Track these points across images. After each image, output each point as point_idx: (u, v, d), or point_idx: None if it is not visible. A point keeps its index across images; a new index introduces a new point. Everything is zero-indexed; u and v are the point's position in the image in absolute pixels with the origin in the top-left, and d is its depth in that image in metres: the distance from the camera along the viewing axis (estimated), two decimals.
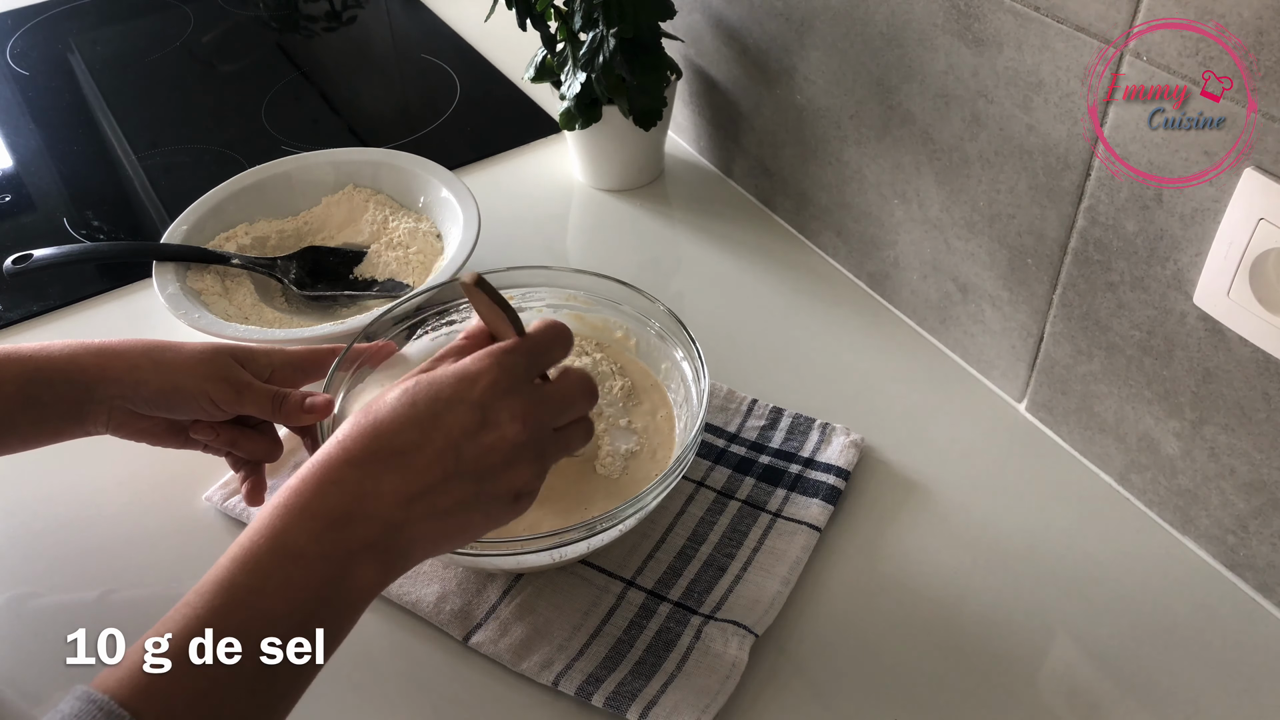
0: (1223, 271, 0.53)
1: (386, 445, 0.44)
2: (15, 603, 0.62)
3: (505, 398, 0.46)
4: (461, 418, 0.44)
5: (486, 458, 0.45)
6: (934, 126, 0.68)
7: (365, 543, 0.42)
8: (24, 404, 0.57)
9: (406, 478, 0.43)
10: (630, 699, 0.55)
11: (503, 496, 0.47)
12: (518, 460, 0.46)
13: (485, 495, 0.46)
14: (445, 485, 0.44)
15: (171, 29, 1.22)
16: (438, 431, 0.44)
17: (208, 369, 0.60)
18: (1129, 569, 0.62)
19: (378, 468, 0.43)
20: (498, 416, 0.45)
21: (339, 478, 0.43)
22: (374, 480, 0.43)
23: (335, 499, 0.42)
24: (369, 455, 0.43)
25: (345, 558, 0.42)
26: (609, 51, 0.80)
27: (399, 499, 0.43)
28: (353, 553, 0.42)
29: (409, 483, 0.43)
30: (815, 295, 0.82)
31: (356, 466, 0.43)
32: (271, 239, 0.85)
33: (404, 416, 0.44)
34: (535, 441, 0.47)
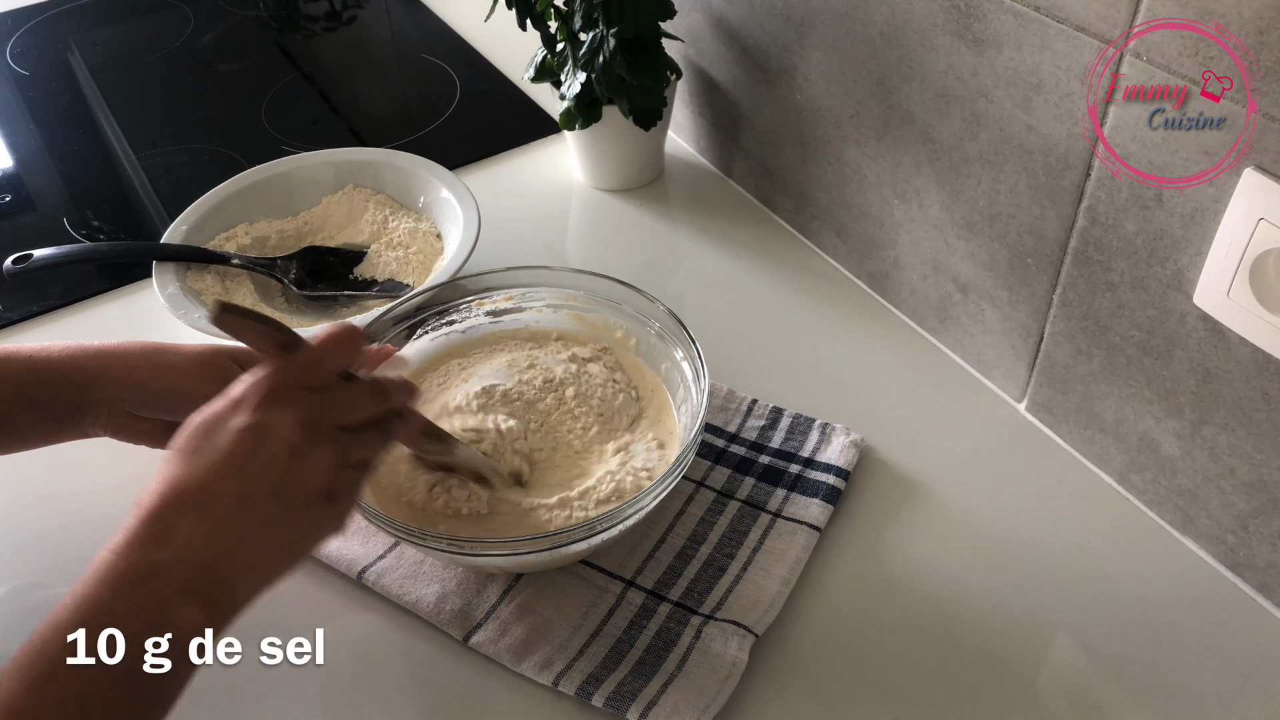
0: (1223, 271, 0.53)
1: (179, 492, 0.44)
2: (20, 592, 0.63)
3: (276, 409, 0.46)
4: (238, 441, 0.45)
5: (274, 469, 0.45)
6: (934, 126, 0.68)
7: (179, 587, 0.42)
8: (23, 404, 0.57)
9: (204, 515, 0.44)
10: (630, 699, 0.55)
11: (311, 502, 0.46)
12: (307, 461, 0.46)
13: (290, 506, 0.46)
14: (245, 510, 0.44)
15: (171, 29, 1.22)
16: (219, 461, 0.45)
17: (207, 371, 0.60)
18: (1129, 569, 0.62)
19: (173, 514, 0.44)
20: (270, 426, 0.45)
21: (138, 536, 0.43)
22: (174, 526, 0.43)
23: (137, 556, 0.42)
24: (163, 506, 0.44)
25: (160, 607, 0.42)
26: (609, 51, 0.80)
27: (201, 536, 0.43)
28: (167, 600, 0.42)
29: (208, 518, 0.44)
30: (815, 295, 0.82)
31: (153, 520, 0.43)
32: (271, 239, 0.85)
33: (188, 459, 0.45)
34: (321, 442, 0.47)
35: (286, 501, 0.45)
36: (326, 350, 0.49)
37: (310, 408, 0.47)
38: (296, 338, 0.48)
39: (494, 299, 0.71)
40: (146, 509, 0.44)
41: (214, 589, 0.43)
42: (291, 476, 0.46)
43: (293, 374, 0.47)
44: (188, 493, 0.44)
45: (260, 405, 0.46)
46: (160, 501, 0.44)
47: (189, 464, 0.45)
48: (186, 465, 0.45)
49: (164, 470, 0.45)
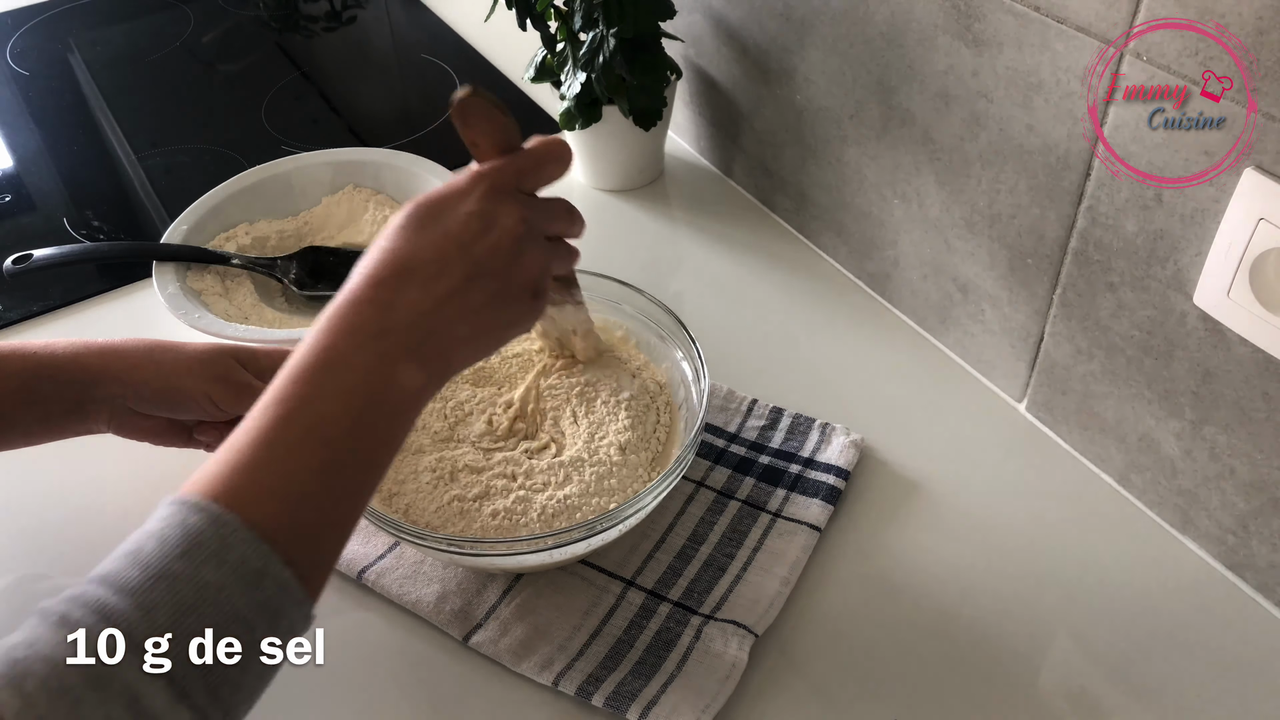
0: (1223, 271, 0.53)
1: (405, 262, 0.46)
2: (25, 582, 0.63)
3: (500, 201, 0.49)
4: (466, 224, 0.48)
5: (497, 254, 0.48)
6: (934, 126, 0.68)
7: (402, 348, 0.45)
8: (26, 399, 0.58)
9: (431, 286, 0.46)
10: (630, 699, 0.55)
11: (522, 291, 0.50)
12: (524, 253, 0.49)
13: (505, 291, 0.49)
14: (467, 285, 0.47)
15: (171, 29, 1.22)
16: (447, 240, 0.47)
17: (208, 369, 0.60)
18: (1129, 569, 0.62)
19: (401, 282, 0.46)
20: (496, 216, 0.48)
21: (369, 297, 0.46)
22: (401, 293, 0.46)
23: (369, 314, 0.45)
24: (391, 274, 0.46)
25: (388, 364, 0.45)
26: (609, 51, 0.80)
27: (428, 304, 0.46)
28: (394, 359, 0.45)
29: (434, 289, 0.46)
30: (815, 295, 0.82)
31: (382, 285, 0.46)
32: (271, 239, 0.85)
33: (413, 236, 0.47)
34: (535, 238, 0.50)
35: (503, 286, 0.48)
36: (543, 160, 0.51)
37: (525, 206, 0.50)
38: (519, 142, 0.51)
39: None
40: (373, 275, 0.46)
41: (434, 356, 0.46)
42: (511, 264, 0.49)
43: (512, 175, 0.50)
44: (415, 264, 0.46)
45: (486, 196, 0.49)
46: (388, 270, 0.46)
47: (415, 239, 0.47)
48: (413, 240, 0.47)
49: (388, 242, 0.47)
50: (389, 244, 0.47)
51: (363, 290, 0.46)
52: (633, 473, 0.63)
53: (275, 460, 0.42)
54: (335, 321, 0.45)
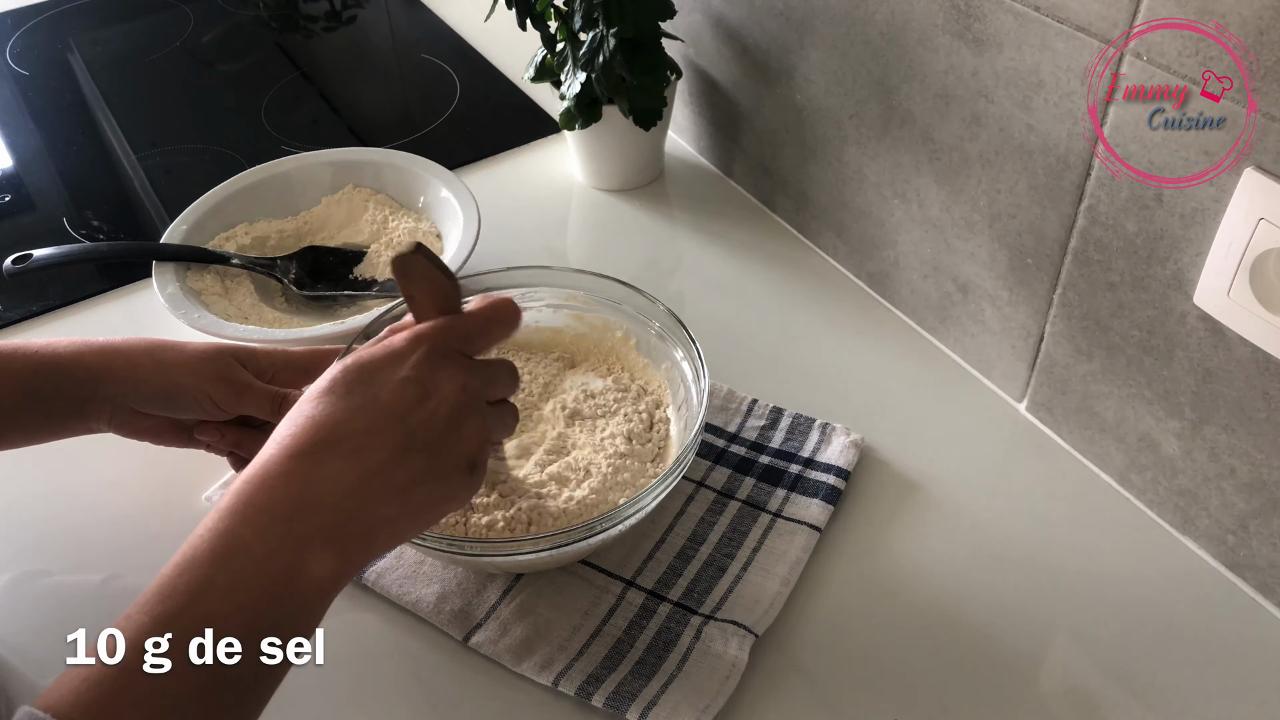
0: (1223, 271, 0.53)
1: (330, 433, 0.43)
2: (26, 579, 0.64)
3: (441, 367, 0.45)
4: (401, 391, 0.44)
5: (433, 426, 0.44)
6: (934, 126, 0.68)
7: (317, 532, 0.41)
8: (27, 399, 0.58)
9: (357, 460, 0.42)
10: (630, 699, 0.55)
11: (458, 465, 0.46)
12: (464, 425, 0.45)
13: (440, 466, 0.45)
14: (398, 460, 0.43)
15: (171, 29, 1.22)
16: (377, 410, 0.43)
17: (209, 369, 0.60)
18: (1129, 569, 0.62)
19: (323, 455, 0.42)
20: (437, 385, 0.45)
21: (283, 470, 0.41)
22: (321, 467, 0.42)
23: (282, 491, 0.41)
24: (313, 445, 0.42)
25: (295, 549, 0.40)
26: (609, 51, 0.80)
27: (352, 480, 0.42)
28: (303, 543, 0.40)
29: (360, 464, 0.42)
30: (815, 295, 0.82)
31: (302, 458, 0.42)
32: (271, 239, 0.85)
33: (340, 402, 0.44)
34: (477, 407, 0.46)
35: (438, 462, 0.44)
36: (490, 321, 0.48)
37: (467, 372, 0.46)
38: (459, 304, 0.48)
39: None
40: (291, 445, 0.42)
41: (352, 540, 0.42)
42: (447, 437, 0.45)
43: (455, 337, 0.47)
44: (342, 434, 0.42)
45: (425, 360, 0.45)
46: (310, 440, 0.42)
47: (343, 405, 0.43)
48: (341, 407, 0.43)
49: (311, 408, 0.43)
50: (312, 410, 0.43)
51: (278, 463, 0.41)
52: (641, 466, 0.63)
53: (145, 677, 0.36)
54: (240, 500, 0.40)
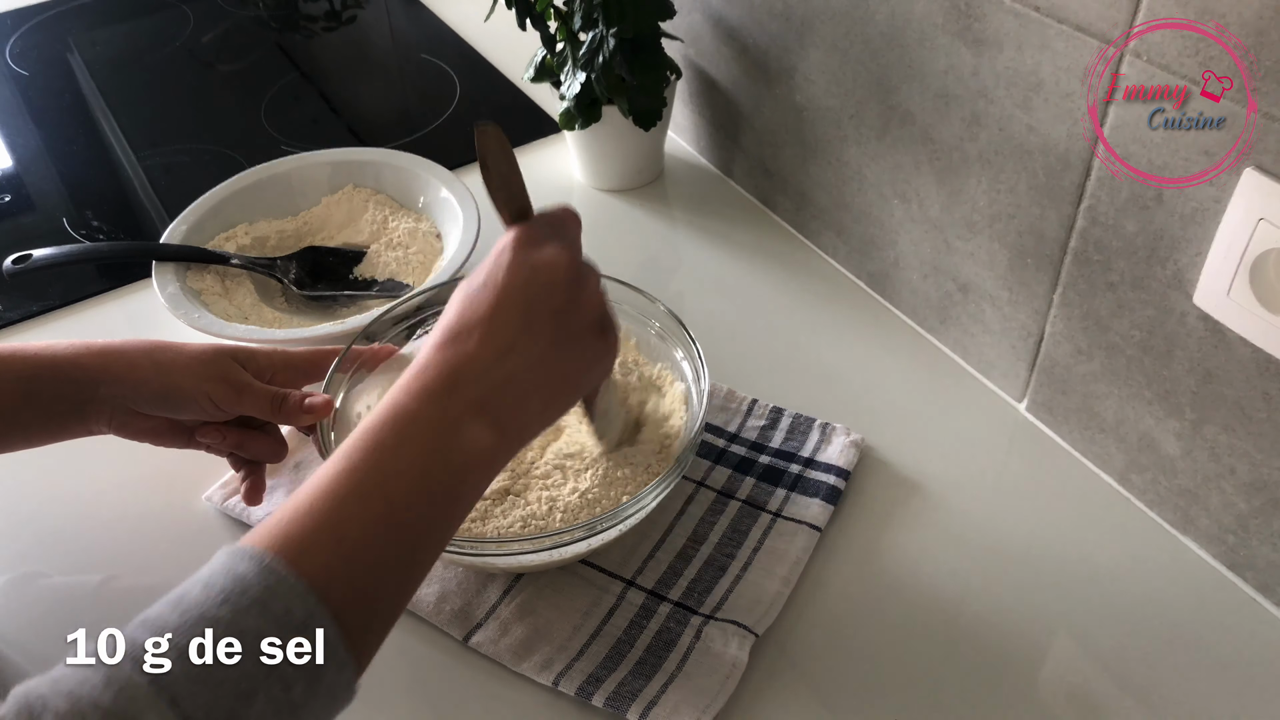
0: (1223, 271, 0.53)
1: (463, 322, 0.47)
2: (26, 580, 0.64)
3: (541, 245, 0.49)
4: (512, 272, 0.48)
5: (552, 292, 0.48)
6: (934, 126, 0.68)
7: (470, 405, 0.45)
8: (27, 401, 0.58)
9: (491, 337, 0.46)
10: (630, 699, 0.55)
11: (588, 327, 0.49)
12: (579, 287, 0.49)
13: (570, 330, 0.48)
14: (529, 331, 0.47)
15: (171, 29, 1.22)
16: (498, 291, 0.47)
17: (208, 369, 0.60)
18: (1129, 569, 0.62)
19: (462, 339, 0.46)
20: (542, 257, 0.48)
21: (431, 360, 0.46)
22: (463, 349, 0.46)
23: (434, 372, 0.45)
24: (452, 335, 0.47)
25: (454, 419, 0.45)
26: (609, 51, 0.80)
27: (491, 356, 0.46)
28: (460, 414, 0.45)
29: (495, 340, 0.46)
30: (815, 295, 0.82)
31: (445, 346, 0.46)
32: (271, 239, 0.85)
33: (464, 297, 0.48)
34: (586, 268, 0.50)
35: (566, 325, 0.48)
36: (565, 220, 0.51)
37: (566, 244, 0.49)
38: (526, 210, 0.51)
39: None
40: (436, 341, 0.47)
41: (503, 411, 0.46)
42: (569, 300, 0.48)
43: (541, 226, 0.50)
44: (474, 320, 0.46)
45: (524, 244, 0.48)
46: (451, 332, 0.47)
47: (470, 299, 0.47)
48: (468, 302, 0.47)
49: (446, 311, 0.48)
50: (449, 312, 0.48)
51: (427, 355, 0.46)
52: (645, 457, 0.63)
53: (333, 513, 0.41)
54: (404, 385, 0.46)
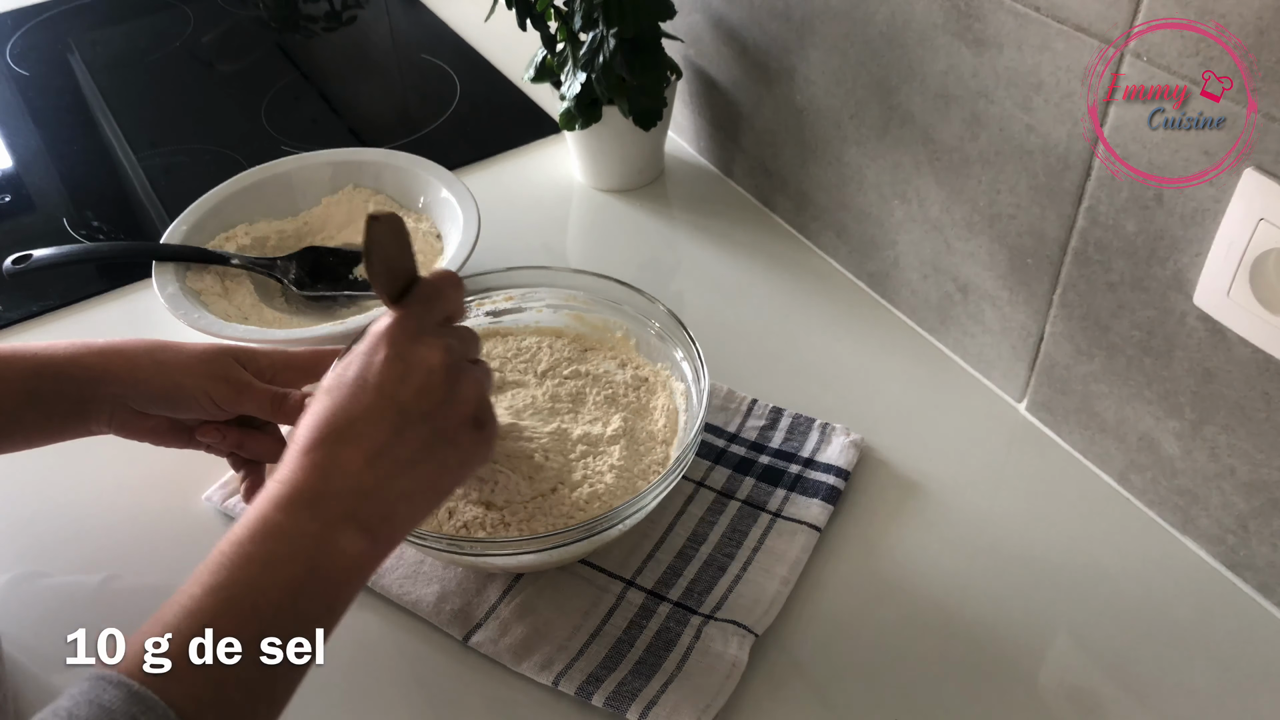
0: (1223, 272, 0.53)
1: (331, 427, 0.45)
2: (25, 580, 0.64)
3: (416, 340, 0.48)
4: (385, 372, 0.46)
5: (426, 394, 0.46)
6: (934, 126, 0.68)
7: (340, 513, 0.44)
8: (27, 401, 0.58)
9: (360, 445, 0.45)
10: (630, 699, 0.55)
11: (462, 425, 0.48)
12: (455, 384, 0.48)
13: (444, 431, 0.47)
14: (399, 436, 0.45)
15: (171, 29, 1.22)
16: (369, 395, 0.46)
17: (208, 369, 0.60)
18: (1129, 569, 0.62)
19: (330, 446, 0.45)
20: (416, 356, 0.47)
21: (299, 466, 0.45)
22: (331, 457, 0.45)
23: (301, 482, 0.44)
24: (319, 440, 0.45)
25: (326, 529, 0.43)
26: (609, 51, 0.80)
27: (360, 464, 0.45)
28: (331, 524, 0.43)
29: (365, 447, 0.45)
30: (815, 295, 0.82)
31: (311, 452, 0.45)
32: (271, 239, 0.85)
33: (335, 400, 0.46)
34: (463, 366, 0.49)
35: (439, 427, 0.47)
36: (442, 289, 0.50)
37: (445, 338, 0.49)
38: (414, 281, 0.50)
39: (494, 299, 0.71)
40: (304, 443, 0.45)
41: (374, 517, 0.45)
42: (443, 401, 0.47)
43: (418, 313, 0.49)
44: (342, 423, 0.45)
45: (399, 339, 0.47)
46: (317, 435, 0.45)
47: (341, 398, 0.46)
48: (339, 400, 0.46)
49: (314, 408, 0.46)
50: (316, 408, 0.46)
51: (294, 460, 0.45)
52: (650, 448, 0.63)
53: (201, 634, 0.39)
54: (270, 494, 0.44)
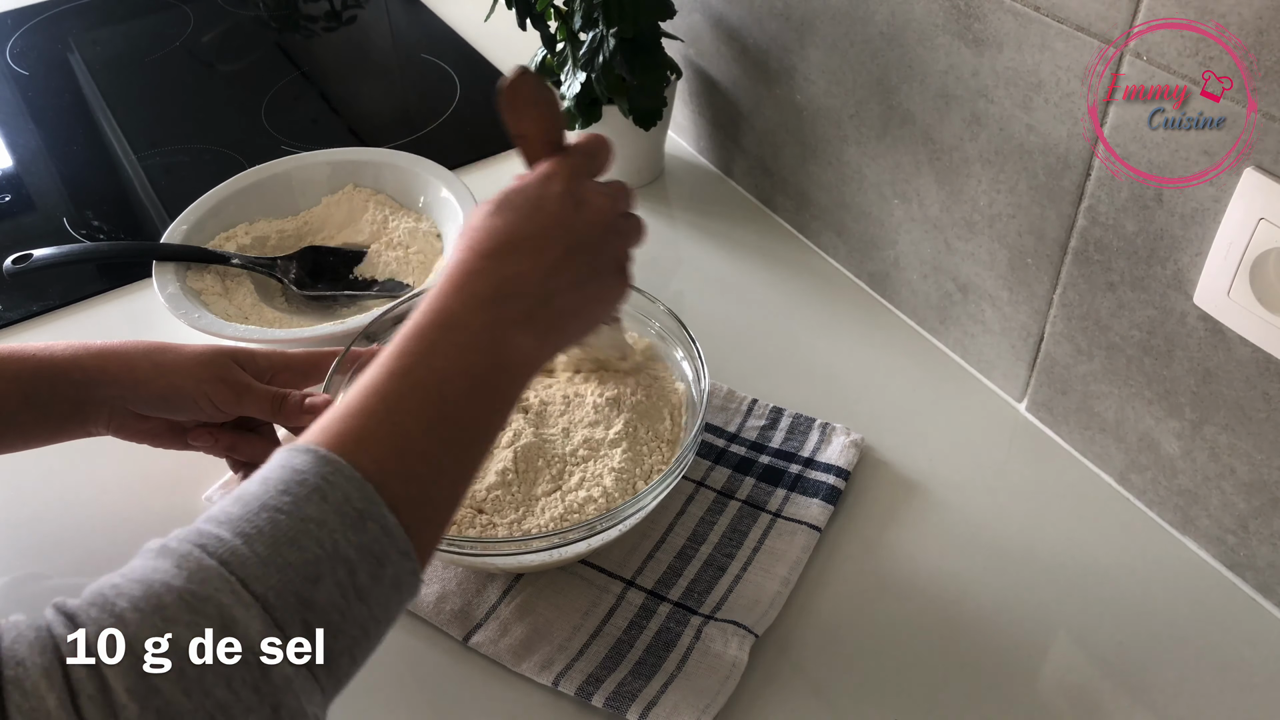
0: (1223, 271, 0.53)
1: (509, 239, 0.47)
2: (25, 582, 0.64)
3: (586, 182, 0.50)
4: (560, 204, 0.49)
5: (593, 229, 0.50)
6: (934, 126, 0.68)
7: (518, 315, 0.46)
8: (26, 402, 0.58)
9: (538, 258, 0.47)
10: (630, 699, 0.55)
11: (615, 265, 0.52)
12: (614, 229, 0.51)
13: (601, 266, 0.50)
14: (570, 259, 0.48)
15: (171, 29, 1.22)
16: (546, 217, 0.48)
17: (207, 370, 0.60)
18: (1129, 569, 0.62)
19: (511, 255, 0.47)
20: (587, 195, 0.50)
21: (480, 268, 0.46)
22: (512, 264, 0.47)
23: (482, 282, 0.46)
24: (498, 248, 0.47)
25: (503, 328, 0.45)
26: (609, 51, 0.80)
27: (539, 274, 0.47)
28: (509, 324, 0.45)
29: (541, 261, 0.47)
30: (815, 295, 0.82)
31: (492, 257, 0.47)
32: (271, 239, 0.85)
33: (511, 217, 0.48)
34: (620, 215, 0.52)
35: (599, 260, 0.50)
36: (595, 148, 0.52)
37: (610, 189, 0.51)
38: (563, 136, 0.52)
39: None
40: (481, 248, 0.47)
41: (545, 324, 0.47)
42: (606, 240, 0.50)
43: (581, 159, 0.51)
44: (521, 238, 0.47)
45: (571, 177, 0.50)
46: (494, 244, 0.47)
47: (515, 217, 0.48)
48: (513, 219, 0.48)
49: (486, 221, 0.48)
50: (488, 223, 0.48)
51: (473, 262, 0.47)
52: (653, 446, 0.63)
53: (387, 410, 0.42)
54: (451, 287, 0.46)
